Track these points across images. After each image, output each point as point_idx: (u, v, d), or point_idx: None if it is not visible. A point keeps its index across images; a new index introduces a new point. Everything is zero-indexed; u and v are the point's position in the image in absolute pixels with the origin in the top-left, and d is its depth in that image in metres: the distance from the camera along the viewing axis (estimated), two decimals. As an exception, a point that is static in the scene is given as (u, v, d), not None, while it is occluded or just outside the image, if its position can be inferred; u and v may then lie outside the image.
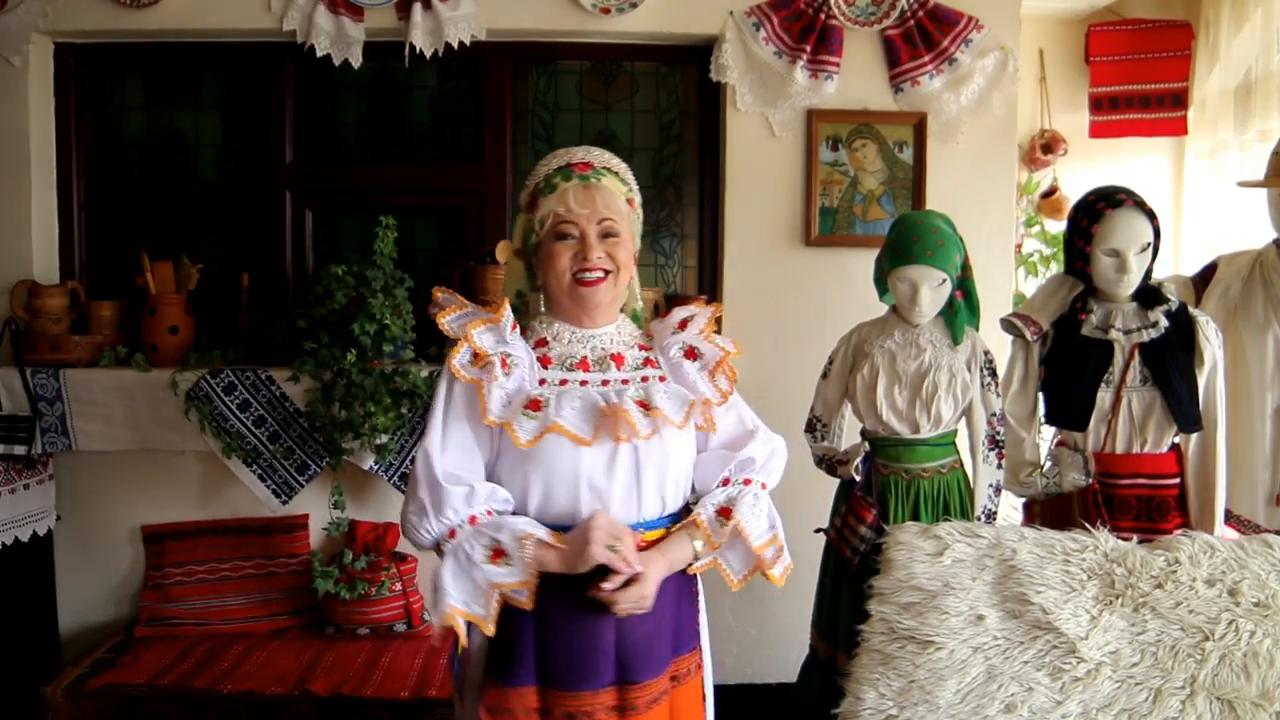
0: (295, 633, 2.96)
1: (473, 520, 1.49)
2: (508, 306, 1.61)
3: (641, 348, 1.68)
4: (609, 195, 1.59)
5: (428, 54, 2.99)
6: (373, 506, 3.05)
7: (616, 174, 1.64)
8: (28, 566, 2.91)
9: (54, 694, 2.53)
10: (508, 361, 1.56)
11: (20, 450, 2.79)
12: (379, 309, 2.74)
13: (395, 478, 2.89)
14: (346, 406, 2.76)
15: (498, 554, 1.46)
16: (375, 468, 2.86)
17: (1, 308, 2.94)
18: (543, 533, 1.50)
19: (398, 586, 2.92)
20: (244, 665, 2.70)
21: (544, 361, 1.60)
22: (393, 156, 3.25)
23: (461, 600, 1.46)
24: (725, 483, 1.65)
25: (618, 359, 1.62)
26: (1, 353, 2.92)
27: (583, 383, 1.58)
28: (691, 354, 1.67)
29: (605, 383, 1.59)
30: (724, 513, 1.60)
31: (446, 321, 1.59)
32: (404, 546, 3.03)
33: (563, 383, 1.58)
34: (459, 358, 1.56)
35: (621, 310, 1.70)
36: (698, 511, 1.60)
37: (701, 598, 1.71)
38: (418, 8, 2.94)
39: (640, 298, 1.75)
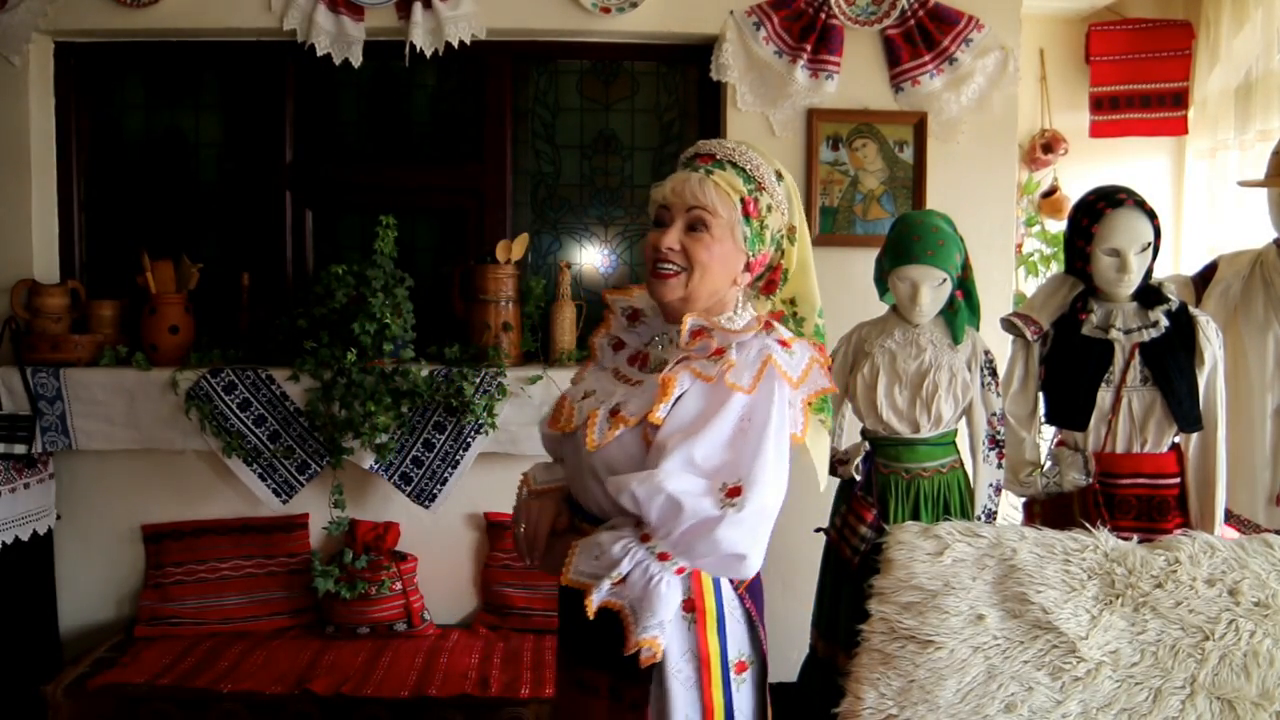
0: (295, 632, 2.96)
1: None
2: (611, 298, 1.69)
3: (696, 334, 1.52)
4: (707, 186, 1.44)
5: (428, 53, 2.99)
6: (373, 506, 3.05)
7: (742, 169, 1.48)
8: (28, 566, 2.90)
9: (54, 693, 2.53)
10: (621, 346, 1.66)
11: (20, 449, 2.79)
12: (379, 308, 2.75)
13: (395, 477, 2.89)
14: (346, 406, 2.76)
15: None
16: (375, 467, 2.86)
17: (2, 307, 2.94)
18: (537, 478, 1.63)
19: (398, 586, 2.93)
20: (244, 665, 2.70)
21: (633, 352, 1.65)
22: (393, 156, 3.25)
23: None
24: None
25: (641, 359, 1.58)
26: (2, 352, 2.92)
27: (615, 376, 1.60)
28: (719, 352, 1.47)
29: (621, 378, 1.58)
30: None
31: (611, 300, 1.69)
32: (404, 545, 3.03)
33: (612, 371, 1.62)
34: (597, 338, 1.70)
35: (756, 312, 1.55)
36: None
37: (671, 649, 1.43)
38: (418, 7, 2.94)
39: (818, 318, 1.64)
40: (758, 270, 1.54)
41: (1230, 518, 2.47)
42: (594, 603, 1.36)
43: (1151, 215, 2.25)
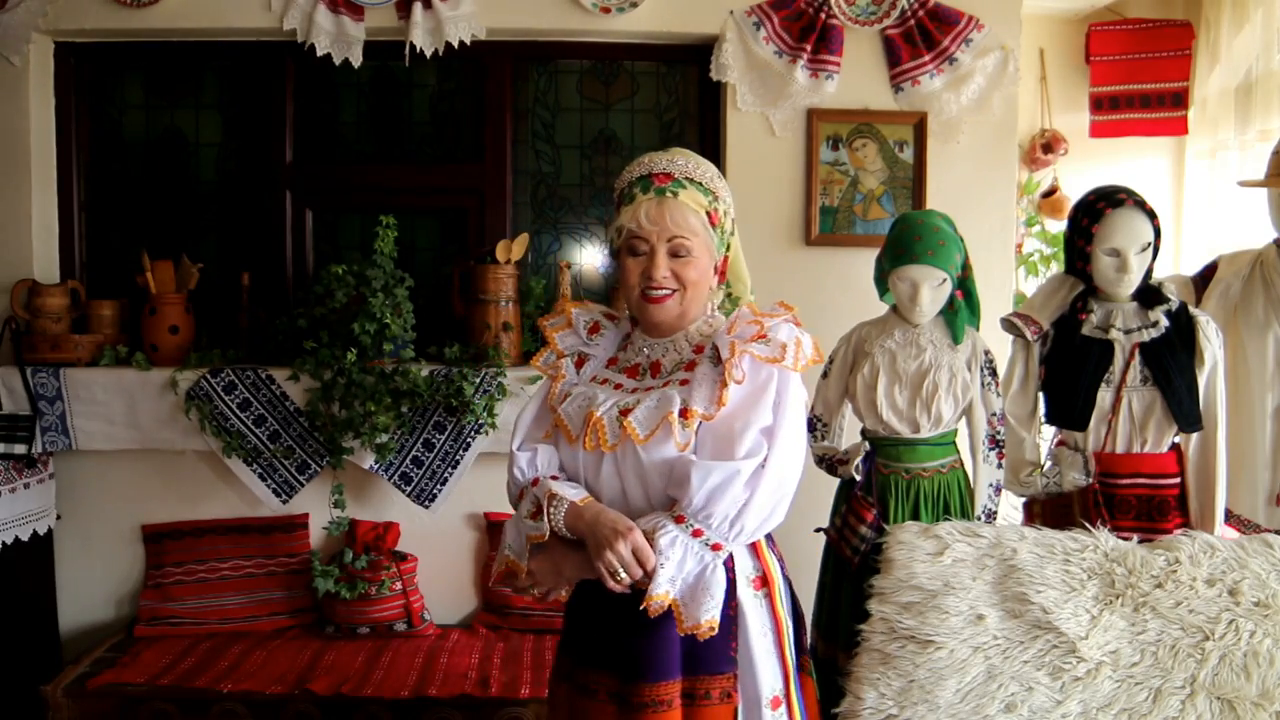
0: (295, 632, 2.96)
1: (535, 481, 1.61)
2: (574, 311, 1.73)
3: (697, 349, 1.63)
4: (682, 211, 1.56)
5: (428, 53, 2.99)
6: (373, 506, 3.05)
7: (700, 184, 1.59)
8: (28, 566, 2.90)
9: (54, 693, 2.53)
10: (583, 360, 1.70)
11: (21, 449, 2.80)
12: (379, 308, 2.75)
13: (395, 476, 2.89)
14: (346, 406, 2.76)
15: (537, 512, 1.56)
16: (375, 467, 2.86)
17: (2, 307, 2.94)
18: (573, 494, 1.56)
19: (398, 586, 2.93)
20: (244, 665, 2.70)
21: (611, 362, 1.69)
22: (393, 156, 3.25)
23: (512, 548, 1.61)
24: (673, 504, 1.52)
25: (656, 367, 1.65)
26: (2, 352, 2.92)
27: (617, 386, 1.64)
28: (718, 355, 1.58)
29: (634, 390, 1.62)
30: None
31: (547, 324, 1.75)
32: (404, 545, 3.04)
33: (603, 383, 1.65)
34: (544, 358, 1.72)
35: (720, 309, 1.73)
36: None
37: (752, 627, 1.58)
38: (418, 7, 2.94)
39: (750, 294, 1.79)
40: (723, 268, 1.70)
41: (1230, 518, 2.47)
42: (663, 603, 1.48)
43: (1151, 215, 2.24)
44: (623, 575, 1.46)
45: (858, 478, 2.35)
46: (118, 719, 2.53)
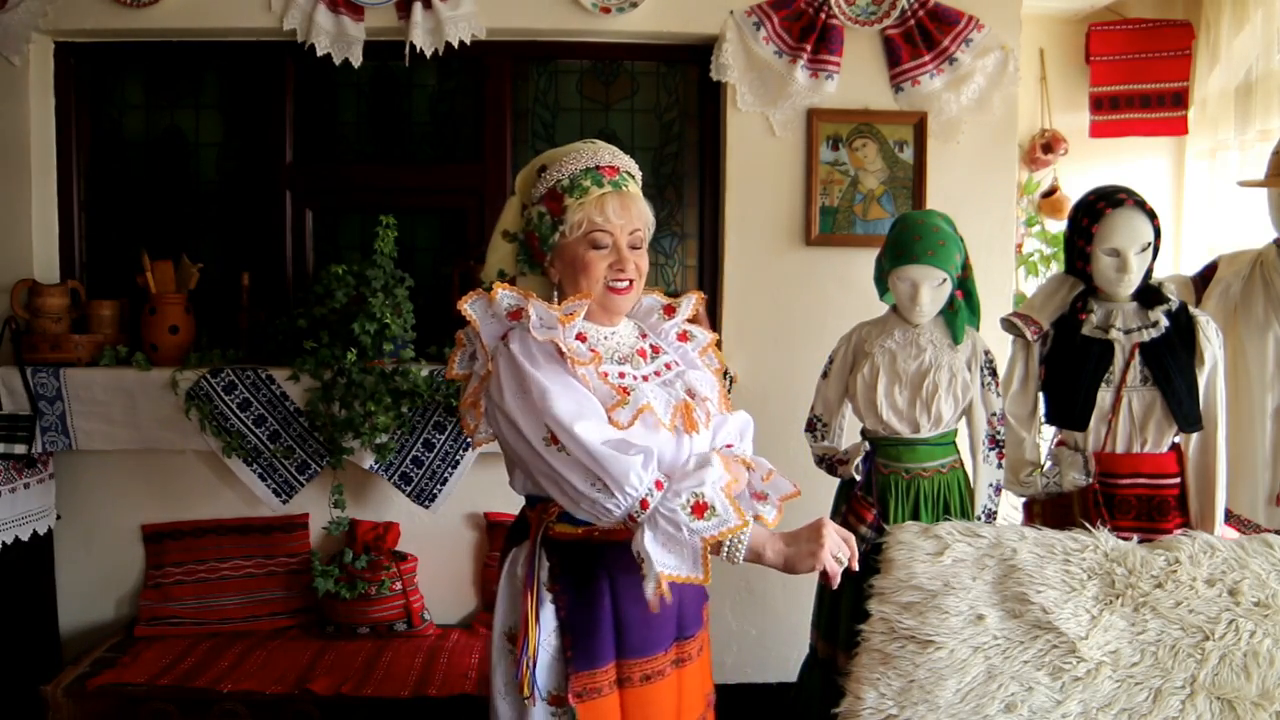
0: (295, 632, 2.96)
1: (659, 485, 1.48)
2: (583, 307, 1.62)
3: (642, 335, 1.76)
4: (640, 205, 1.66)
5: (428, 53, 2.99)
6: (373, 506, 3.05)
7: (634, 178, 1.70)
8: (28, 566, 2.90)
9: (54, 693, 2.53)
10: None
11: (20, 449, 2.79)
12: (379, 308, 2.75)
13: (395, 476, 2.89)
14: (347, 406, 2.76)
15: (701, 508, 1.45)
16: (375, 467, 2.86)
17: (2, 307, 2.94)
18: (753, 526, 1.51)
19: (398, 586, 2.93)
20: (244, 665, 2.70)
21: (594, 355, 1.67)
22: (393, 156, 3.25)
23: (673, 566, 1.44)
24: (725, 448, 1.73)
25: (642, 354, 1.70)
26: (2, 352, 2.92)
27: (635, 375, 1.65)
28: (683, 337, 1.78)
29: (645, 378, 1.65)
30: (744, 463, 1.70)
31: (534, 327, 1.56)
32: (404, 545, 3.03)
33: (620, 375, 1.63)
34: (569, 341, 1.57)
35: None
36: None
37: None
38: (418, 7, 2.94)
39: None
40: None
41: (1230, 518, 2.47)
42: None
43: (1151, 215, 2.25)
44: (844, 559, 1.56)
45: (858, 478, 2.35)
46: (118, 719, 2.53)
